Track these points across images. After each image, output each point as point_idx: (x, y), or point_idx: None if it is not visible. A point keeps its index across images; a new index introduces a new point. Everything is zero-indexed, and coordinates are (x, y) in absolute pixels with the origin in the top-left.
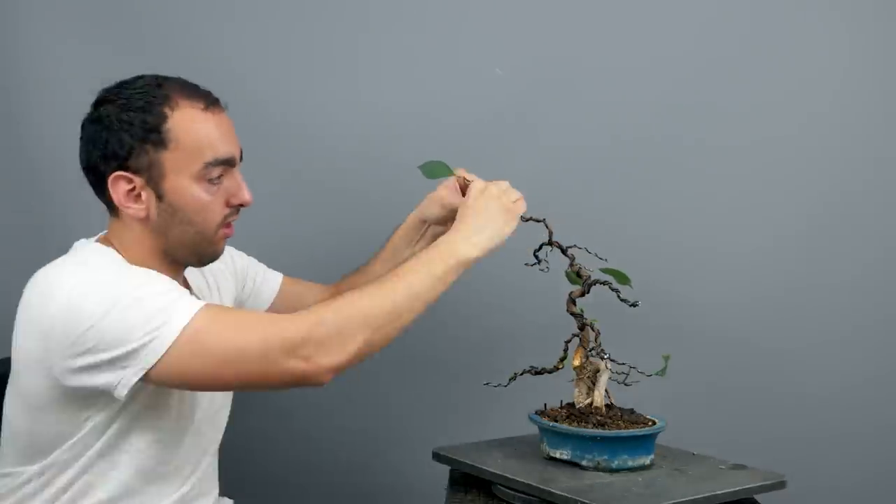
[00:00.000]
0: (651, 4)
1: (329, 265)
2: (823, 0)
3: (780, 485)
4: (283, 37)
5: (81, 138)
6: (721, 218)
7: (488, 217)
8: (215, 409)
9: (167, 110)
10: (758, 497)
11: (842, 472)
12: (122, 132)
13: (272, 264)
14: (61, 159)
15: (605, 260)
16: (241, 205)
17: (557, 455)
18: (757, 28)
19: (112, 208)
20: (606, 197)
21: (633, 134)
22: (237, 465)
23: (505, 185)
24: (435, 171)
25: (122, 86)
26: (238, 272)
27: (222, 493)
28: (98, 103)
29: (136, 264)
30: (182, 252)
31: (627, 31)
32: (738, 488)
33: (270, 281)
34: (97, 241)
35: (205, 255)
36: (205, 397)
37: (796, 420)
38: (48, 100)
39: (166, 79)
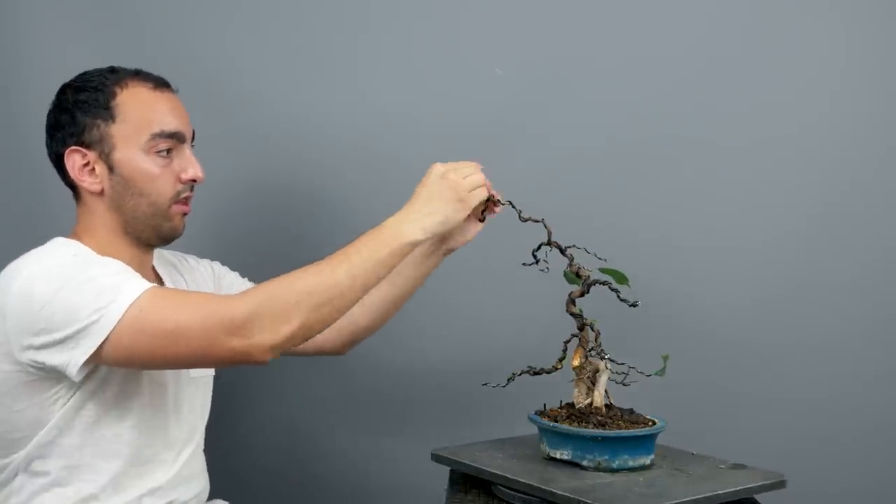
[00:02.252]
0: (651, 4)
1: None
2: (823, 0)
3: (780, 484)
4: (282, 37)
5: (46, 128)
6: (721, 218)
7: (441, 203)
8: (192, 392)
9: (117, 89)
10: (758, 497)
11: (842, 472)
12: (76, 111)
13: (269, 263)
14: None
15: (605, 260)
16: (193, 180)
17: (558, 455)
18: (757, 28)
19: (75, 191)
20: (606, 197)
21: (632, 134)
22: (234, 465)
23: (469, 169)
24: None
25: (80, 74)
26: (216, 277)
27: (219, 494)
28: (59, 92)
29: (103, 250)
30: (140, 227)
31: (627, 31)
32: (738, 488)
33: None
34: (67, 236)
35: (162, 230)
36: (180, 383)
37: (796, 420)
38: (49, 100)
39: (122, 68)
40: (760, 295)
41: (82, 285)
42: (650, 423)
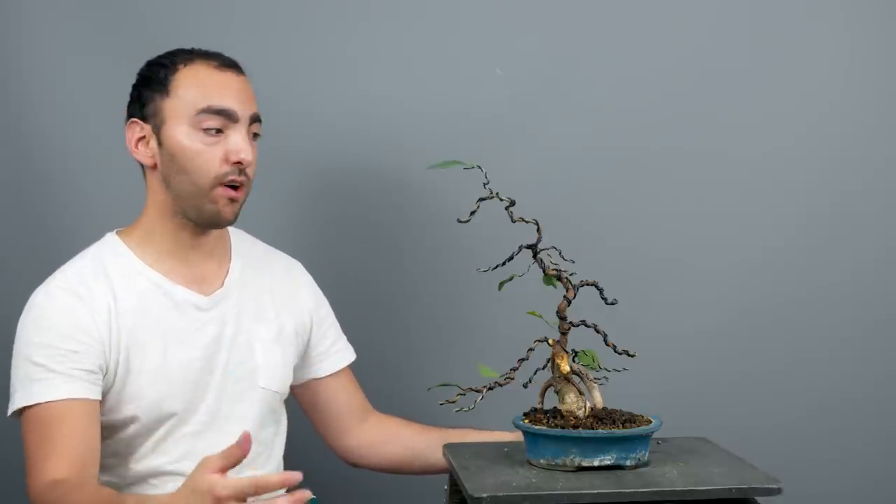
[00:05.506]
0: (653, 8)
1: (323, 265)
2: (824, 10)
3: (778, 490)
4: (282, 36)
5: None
6: (720, 221)
7: None
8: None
9: (181, 66)
10: (755, 498)
11: (840, 475)
12: (142, 86)
13: None
14: (63, 160)
15: (573, 262)
16: (238, 162)
17: (597, 463)
18: (759, 37)
19: (142, 165)
20: (604, 199)
21: (633, 135)
22: None
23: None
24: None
25: (165, 52)
26: (314, 320)
27: None
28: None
29: (149, 237)
30: (186, 206)
31: (629, 33)
32: (736, 487)
33: (338, 355)
34: (118, 232)
35: (204, 212)
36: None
37: (796, 422)
38: (50, 100)
39: (197, 49)
40: (760, 297)
41: (18, 358)
42: (646, 422)
